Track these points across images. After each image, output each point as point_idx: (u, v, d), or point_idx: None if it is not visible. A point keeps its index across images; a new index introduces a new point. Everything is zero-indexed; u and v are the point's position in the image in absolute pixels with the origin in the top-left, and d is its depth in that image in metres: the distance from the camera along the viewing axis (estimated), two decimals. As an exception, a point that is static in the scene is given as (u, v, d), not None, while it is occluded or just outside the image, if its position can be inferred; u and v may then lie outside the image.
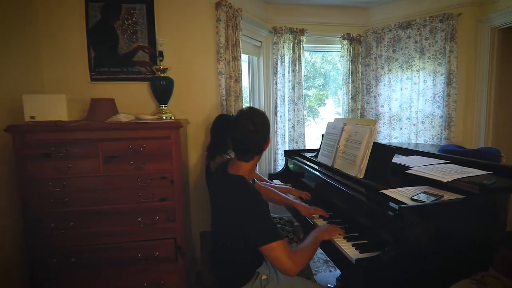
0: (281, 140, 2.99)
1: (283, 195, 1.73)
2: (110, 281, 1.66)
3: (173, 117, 1.97)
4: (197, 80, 2.20)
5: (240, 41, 2.33)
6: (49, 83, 2.01)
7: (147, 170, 1.63)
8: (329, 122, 2.08)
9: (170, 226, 1.68)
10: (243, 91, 2.45)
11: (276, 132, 2.95)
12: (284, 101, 2.93)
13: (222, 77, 2.21)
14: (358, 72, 3.06)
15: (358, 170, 1.56)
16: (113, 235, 1.64)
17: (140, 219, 1.64)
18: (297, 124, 2.98)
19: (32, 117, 1.59)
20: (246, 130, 1.16)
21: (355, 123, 1.77)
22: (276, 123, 2.93)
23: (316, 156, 2.14)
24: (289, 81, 2.92)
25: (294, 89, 2.92)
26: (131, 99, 2.08)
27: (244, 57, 2.83)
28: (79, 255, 1.62)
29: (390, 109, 3.02)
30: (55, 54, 2.00)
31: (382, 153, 1.49)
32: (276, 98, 2.89)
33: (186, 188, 2.05)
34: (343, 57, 3.03)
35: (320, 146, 2.09)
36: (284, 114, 2.95)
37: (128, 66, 2.07)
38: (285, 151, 2.49)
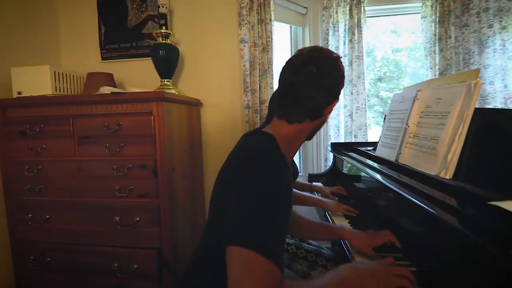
0: (335, 133, 2.30)
1: (304, 193, 1.16)
2: (86, 292, 1.34)
3: (180, 95, 1.58)
4: (213, 50, 1.78)
5: (272, 0, 1.81)
6: (66, 65, 1.88)
7: (124, 155, 1.26)
8: (394, 95, 1.36)
9: (154, 232, 1.26)
10: (275, 64, 1.91)
11: (327, 122, 2.28)
12: (338, 82, 2.25)
13: (245, 45, 1.73)
14: (450, 38, 2.14)
15: (442, 164, 0.84)
16: (87, 235, 1.32)
17: (117, 218, 1.27)
18: (356, 112, 2.25)
19: (19, 93, 1.41)
20: (303, 71, 0.71)
21: (437, 85, 1.04)
22: (327, 111, 2.27)
23: (375, 149, 1.43)
24: (344, 55, 2.23)
25: (351, 65, 2.21)
26: (142, 77, 1.80)
27: (285, 28, 2.30)
28: (54, 255, 1.35)
29: (505, 86, 1.99)
30: (70, 33, 1.87)
31: (496, 126, 0.75)
32: (327, 78, 2.24)
33: (199, 188, 1.63)
34: (425, 18, 2.17)
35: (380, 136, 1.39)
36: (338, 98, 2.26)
37: (137, 40, 1.79)
38: (332, 144, 1.83)
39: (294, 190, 1.23)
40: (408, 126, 1.10)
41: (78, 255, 1.32)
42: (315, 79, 0.71)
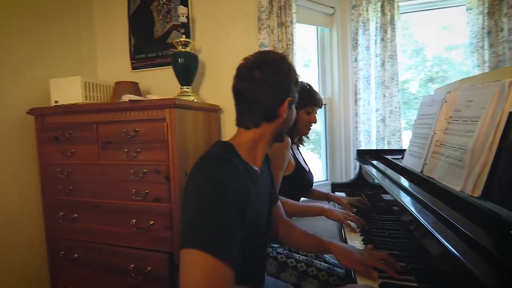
0: (365, 139, 2.14)
1: (305, 203, 1.11)
2: (107, 290, 1.41)
3: (195, 101, 1.60)
4: (232, 56, 1.78)
5: (293, 3, 1.76)
6: (101, 75, 2.04)
7: (140, 160, 1.30)
8: (424, 97, 1.22)
9: (166, 236, 1.28)
10: (306, 69, 1.84)
11: (356, 128, 2.14)
12: (369, 84, 2.10)
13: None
14: (502, 30, 1.86)
15: (469, 179, 0.71)
16: (108, 235, 1.39)
17: (134, 221, 1.32)
18: (389, 117, 2.07)
19: (56, 102, 1.55)
20: (248, 77, 0.76)
21: (469, 84, 0.89)
22: (357, 115, 2.13)
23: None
24: (376, 56, 2.07)
25: (383, 65, 2.05)
26: (166, 85, 1.86)
27: (311, 30, 2.22)
28: (81, 252, 1.45)
29: None
30: (106, 46, 2.03)
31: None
32: (356, 80, 2.10)
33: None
34: (470, 10, 1.93)
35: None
36: (368, 102, 2.11)
37: (162, 50, 1.87)
38: (357, 151, 1.71)
39: (293, 201, 1.16)
40: (435, 133, 0.97)
41: (101, 254, 1.40)
42: (260, 82, 0.74)
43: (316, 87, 2.29)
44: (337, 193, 1.58)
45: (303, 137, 1.47)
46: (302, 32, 2.20)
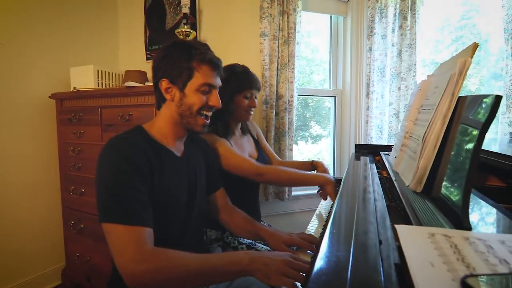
0: (377, 134, 2.02)
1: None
2: (106, 259, 1.55)
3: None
4: (235, 46, 1.80)
5: (298, -10, 1.71)
6: (123, 65, 2.21)
7: (132, 143, 1.40)
8: (416, 85, 1.11)
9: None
10: (315, 61, 1.80)
11: (367, 122, 2.02)
12: (383, 76, 1.96)
13: (265, 39, 1.68)
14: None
15: (417, 173, 0.65)
16: (107, 210, 1.52)
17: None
18: (404, 111, 1.91)
19: (75, 88, 1.74)
20: None
21: (446, 68, 0.79)
22: (368, 109, 2.01)
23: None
24: (392, 45, 1.92)
25: (400, 55, 1.89)
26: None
27: (323, 19, 2.13)
28: (86, 222, 1.61)
29: None
30: (127, 37, 2.18)
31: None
32: (370, 71, 1.97)
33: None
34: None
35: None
36: (382, 95, 1.98)
37: (172, 40, 1.96)
38: (356, 145, 1.61)
39: (290, 169, 1.14)
40: (406, 125, 0.88)
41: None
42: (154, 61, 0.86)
43: (327, 79, 2.20)
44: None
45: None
46: (314, 21, 2.13)
